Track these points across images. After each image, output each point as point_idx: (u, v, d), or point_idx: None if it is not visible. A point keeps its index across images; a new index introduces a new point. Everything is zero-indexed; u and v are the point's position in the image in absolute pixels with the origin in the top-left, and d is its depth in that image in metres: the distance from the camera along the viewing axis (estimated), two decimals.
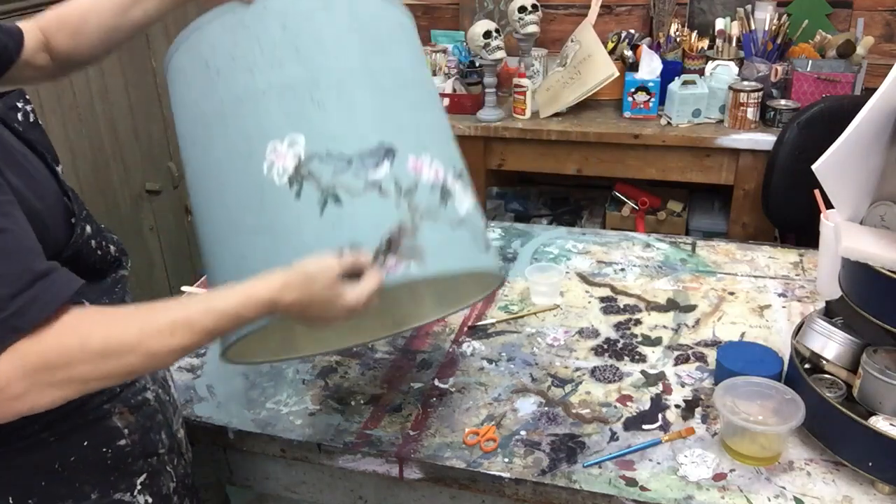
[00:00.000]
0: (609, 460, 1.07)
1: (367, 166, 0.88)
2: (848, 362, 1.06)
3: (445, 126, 1.03)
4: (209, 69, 0.95)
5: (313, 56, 0.93)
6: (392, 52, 0.99)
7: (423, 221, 0.89)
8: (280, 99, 0.91)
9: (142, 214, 2.31)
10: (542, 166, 2.47)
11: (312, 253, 0.85)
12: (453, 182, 0.95)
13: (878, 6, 2.48)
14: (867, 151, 1.03)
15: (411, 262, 0.87)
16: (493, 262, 1.00)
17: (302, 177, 0.87)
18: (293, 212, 0.87)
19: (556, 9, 2.79)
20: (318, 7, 0.95)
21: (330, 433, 1.15)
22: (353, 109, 0.92)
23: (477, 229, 0.97)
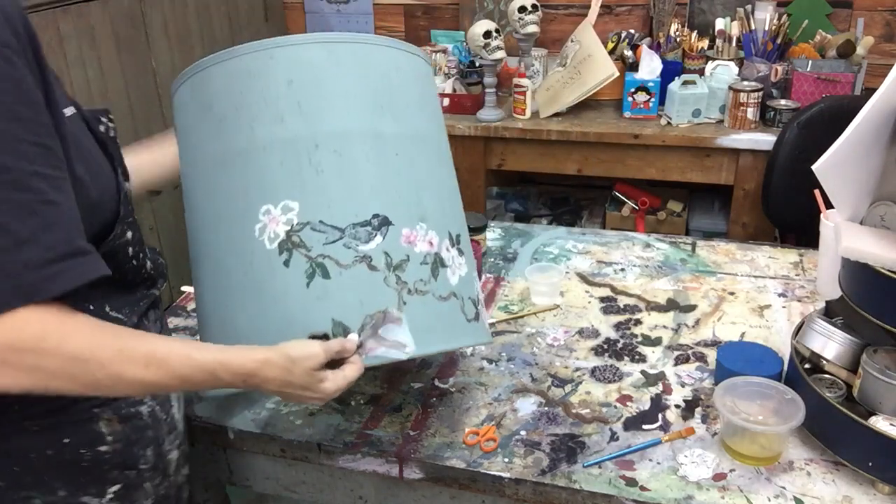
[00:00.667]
0: (609, 460, 1.07)
1: (359, 238, 0.87)
2: (848, 362, 1.06)
3: (452, 187, 1.01)
4: (213, 114, 0.93)
5: (316, 114, 0.90)
6: (402, 111, 0.95)
7: (410, 297, 0.89)
8: (280, 158, 0.89)
9: (142, 214, 2.31)
10: (542, 166, 2.47)
11: (296, 323, 0.86)
12: (448, 250, 0.94)
13: (878, 6, 2.48)
14: (867, 151, 1.03)
15: (391, 349, 0.87)
16: (477, 334, 0.98)
17: (292, 244, 0.87)
18: (280, 279, 0.87)
19: (556, 9, 2.79)
20: (327, 61, 0.91)
21: (330, 433, 1.15)
22: (352, 177, 0.89)
23: (466, 300, 0.96)
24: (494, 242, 1.71)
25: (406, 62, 0.99)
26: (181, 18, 2.43)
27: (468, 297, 0.97)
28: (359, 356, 0.88)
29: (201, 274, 0.97)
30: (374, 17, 3.00)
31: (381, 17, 2.99)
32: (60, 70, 1.91)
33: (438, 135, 1.02)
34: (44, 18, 1.89)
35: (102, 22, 2.09)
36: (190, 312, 1.50)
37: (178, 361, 0.80)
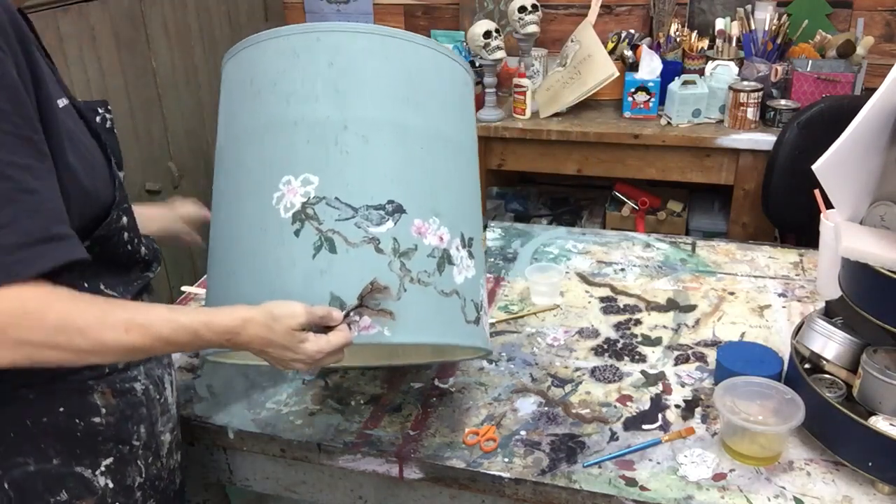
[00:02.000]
0: (609, 460, 1.07)
1: (370, 220, 0.89)
2: (848, 362, 1.06)
3: (470, 193, 1.03)
4: (252, 87, 0.96)
5: (350, 99, 0.93)
6: (435, 113, 0.98)
7: (412, 285, 0.90)
8: (307, 135, 0.92)
9: None
10: (542, 166, 2.47)
11: (295, 292, 0.87)
12: (458, 250, 0.96)
13: (878, 6, 2.48)
14: (867, 151, 1.03)
15: (385, 328, 0.88)
16: (474, 338, 0.98)
17: (306, 216, 0.89)
18: (289, 248, 0.89)
19: (556, 9, 2.79)
20: (370, 51, 0.94)
21: (330, 433, 1.15)
22: (374, 161, 0.92)
23: (469, 302, 0.96)
24: (494, 242, 1.71)
25: (445, 67, 1.01)
26: (181, 18, 2.43)
27: (471, 299, 0.97)
28: (346, 326, 0.89)
29: (215, 240, 1.00)
30: (374, 17, 3.00)
31: (382, 16, 2.99)
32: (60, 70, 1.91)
33: (467, 141, 1.04)
34: (44, 18, 1.89)
35: (102, 22, 2.09)
36: None
37: (159, 324, 0.81)
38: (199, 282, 1.61)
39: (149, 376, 0.99)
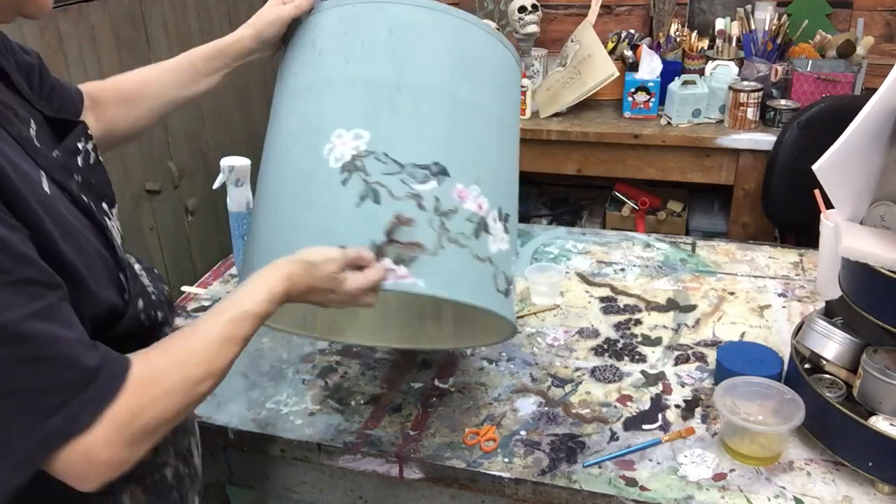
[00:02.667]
0: (609, 460, 1.07)
1: (415, 178, 0.93)
2: (848, 362, 1.06)
3: (510, 172, 1.07)
4: (315, 48, 1.03)
5: (405, 64, 0.97)
6: (479, 88, 1.02)
7: (449, 244, 0.92)
8: (362, 92, 0.96)
9: (142, 214, 2.30)
10: (542, 166, 2.47)
11: (338, 237, 0.90)
12: (494, 221, 0.98)
13: (878, 6, 2.48)
14: (867, 151, 1.03)
15: (420, 279, 0.90)
16: (506, 309, 1.00)
17: (355, 167, 0.92)
18: (335, 195, 0.92)
19: (556, 9, 2.79)
20: (428, 24, 1.00)
21: (330, 433, 1.15)
22: (423, 124, 0.96)
23: (500, 273, 0.98)
24: None
25: (495, 49, 1.06)
26: (181, 18, 2.43)
27: (503, 270, 0.99)
28: (379, 264, 0.91)
29: (264, 186, 1.03)
30: None
31: None
32: (60, 70, 1.91)
33: (510, 123, 1.09)
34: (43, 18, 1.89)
35: (102, 22, 2.09)
36: (190, 312, 1.50)
37: (243, 327, 0.79)
38: (199, 282, 1.61)
39: (177, 454, 0.94)
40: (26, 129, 0.78)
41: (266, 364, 1.32)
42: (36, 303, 0.65)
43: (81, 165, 0.83)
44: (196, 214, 2.52)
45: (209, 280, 1.62)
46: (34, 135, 0.79)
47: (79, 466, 0.68)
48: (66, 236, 0.71)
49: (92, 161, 0.85)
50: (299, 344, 1.36)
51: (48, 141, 0.82)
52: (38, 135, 0.80)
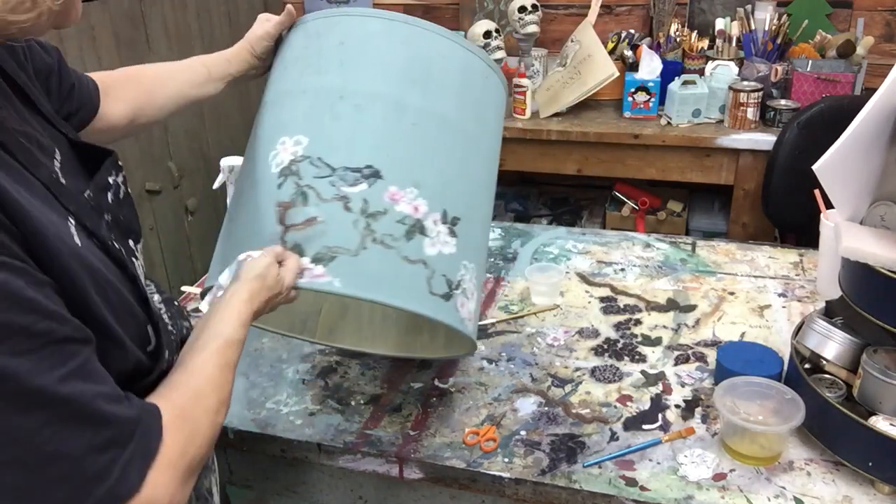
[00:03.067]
0: (609, 460, 1.07)
1: (346, 181, 0.95)
2: (848, 362, 1.06)
3: (468, 176, 1.05)
4: (283, 63, 1.09)
5: (352, 73, 1.01)
6: (433, 92, 1.03)
7: (373, 245, 0.93)
8: (310, 101, 1.00)
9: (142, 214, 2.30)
10: (542, 166, 2.47)
11: (266, 236, 0.93)
12: (436, 224, 0.98)
13: (878, 6, 2.48)
14: (867, 151, 1.03)
15: (335, 279, 0.91)
16: (445, 312, 0.97)
17: (290, 171, 0.96)
18: (270, 198, 0.96)
19: (556, 9, 2.79)
20: (379, 33, 1.03)
21: (330, 433, 1.15)
22: (361, 129, 0.98)
23: (439, 276, 0.97)
24: (494, 242, 1.71)
25: (455, 54, 1.07)
26: (181, 18, 2.43)
27: (443, 274, 0.98)
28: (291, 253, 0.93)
29: (233, 196, 1.08)
30: None
31: None
32: None
33: (472, 127, 1.08)
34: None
35: (102, 22, 2.09)
36: (190, 312, 1.50)
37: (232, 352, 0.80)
38: (199, 282, 1.61)
39: (198, 497, 0.93)
40: (51, 163, 0.76)
41: (266, 364, 1.32)
42: (70, 362, 0.63)
43: (111, 202, 0.82)
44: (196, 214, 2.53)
45: None
46: (59, 168, 0.77)
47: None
48: (97, 289, 0.69)
49: (122, 195, 0.85)
50: (299, 344, 1.36)
51: (74, 172, 0.79)
52: (64, 166, 0.78)
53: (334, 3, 3.02)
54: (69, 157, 0.80)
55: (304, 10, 3.06)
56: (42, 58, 0.92)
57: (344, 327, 1.24)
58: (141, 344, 0.77)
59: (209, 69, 1.14)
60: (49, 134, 0.80)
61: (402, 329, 1.27)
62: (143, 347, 0.78)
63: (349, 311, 1.28)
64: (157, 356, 0.80)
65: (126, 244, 0.82)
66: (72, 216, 0.72)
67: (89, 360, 0.65)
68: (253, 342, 1.38)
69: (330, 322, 1.24)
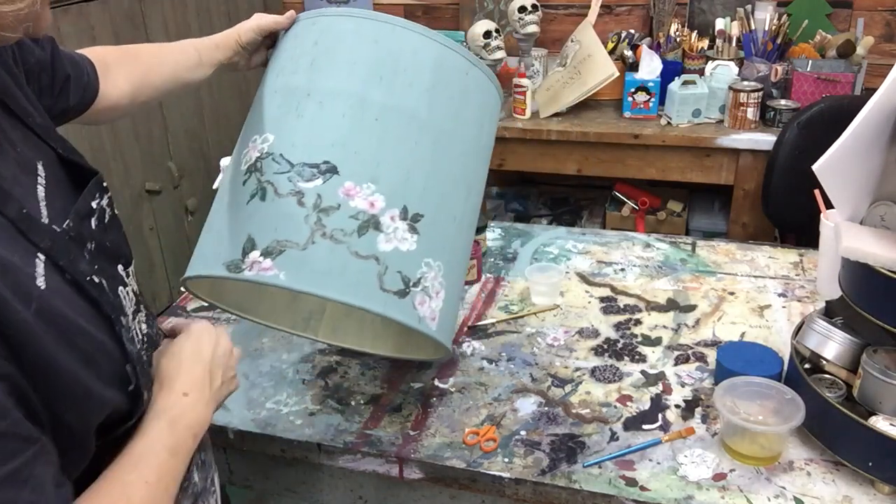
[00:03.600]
0: (609, 460, 1.07)
1: (302, 176, 0.96)
2: (848, 362, 1.06)
3: (439, 173, 1.03)
4: (270, 65, 1.10)
5: (320, 71, 1.02)
6: (400, 88, 1.02)
7: (322, 240, 0.93)
8: (280, 101, 1.02)
9: (142, 214, 2.31)
10: (542, 166, 2.47)
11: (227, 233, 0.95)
12: (393, 220, 0.97)
13: (878, 6, 2.48)
14: (867, 151, 1.03)
15: (281, 272, 0.91)
16: (390, 307, 0.96)
17: (255, 168, 0.98)
18: (237, 194, 0.98)
19: (556, 9, 2.79)
20: (349, 31, 1.04)
21: (330, 433, 1.15)
22: (321, 126, 0.99)
23: (393, 272, 0.96)
24: (494, 242, 1.71)
25: (429, 50, 1.05)
26: (181, 18, 2.43)
27: (398, 270, 0.97)
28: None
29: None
30: None
31: None
32: None
33: (443, 123, 1.05)
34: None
35: (102, 22, 2.09)
36: (190, 312, 1.50)
37: (166, 466, 0.73)
38: None
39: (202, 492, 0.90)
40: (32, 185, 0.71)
41: (266, 364, 1.32)
42: (6, 464, 0.57)
43: (95, 228, 0.76)
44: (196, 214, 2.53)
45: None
46: (42, 191, 0.71)
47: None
48: (62, 338, 0.63)
49: (107, 219, 0.79)
50: (299, 344, 1.36)
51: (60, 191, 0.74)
52: (48, 186, 0.72)
53: (334, 3, 3.01)
54: (55, 173, 0.76)
55: (305, 10, 3.06)
56: (33, 53, 0.89)
57: (347, 326, 1.24)
58: (120, 385, 0.72)
59: (200, 53, 1.15)
60: (34, 147, 0.75)
61: (401, 329, 1.26)
62: (124, 388, 0.72)
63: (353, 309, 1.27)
64: (137, 397, 0.74)
65: (114, 272, 0.77)
66: (42, 253, 0.66)
67: (32, 462, 0.59)
68: (253, 342, 1.38)
69: (334, 321, 1.24)
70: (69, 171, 0.78)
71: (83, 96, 1.00)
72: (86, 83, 1.01)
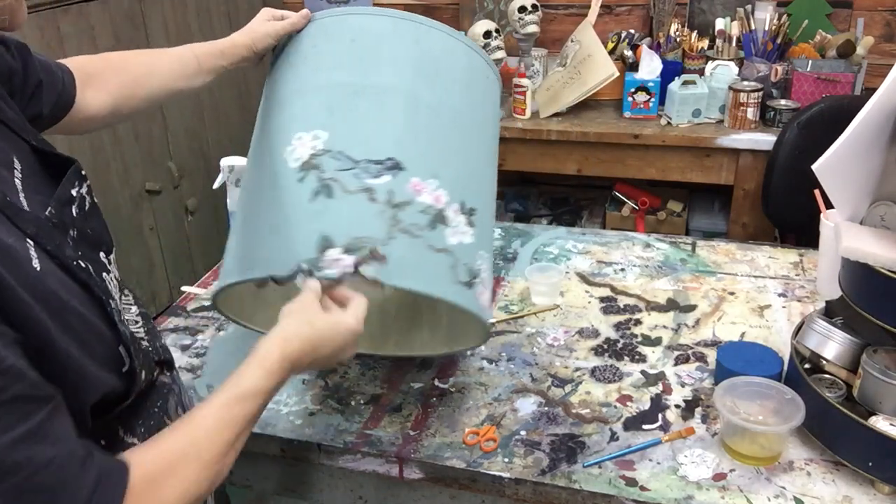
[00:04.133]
0: (609, 460, 1.07)
1: (369, 172, 0.96)
2: (848, 362, 1.06)
3: (479, 169, 1.09)
4: (287, 62, 1.09)
5: (367, 68, 1.03)
6: (442, 86, 1.06)
7: (400, 234, 0.94)
8: (326, 98, 1.01)
9: (142, 214, 2.31)
10: (542, 166, 2.47)
11: (291, 232, 0.92)
12: (455, 214, 1.00)
13: (878, 6, 2.48)
14: (867, 151, 1.03)
15: (367, 268, 0.91)
16: (469, 300, 0.99)
17: (311, 166, 0.96)
18: (292, 193, 0.96)
19: (556, 9, 2.79)
20: (389, 30, 1.06)
21: (330, 433, 1.15)
22: (380, 122, 1.00)
23: (461, 264, 0.98)
24: (494, 242, 1.71)
25: (458, 51, 1.11)
26: (181, 18, 2.43)
27: (465, 263, 1.00)
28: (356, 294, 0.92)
29: (241, 195, 1.08)
30: None
31: None
32: None
33: (479, 121, 1.12)
34: (44, 18, 1.89)
35: (102, 22, 2.09)
36: (190, 312, 1.50)
37: (241, 408, 0.76)
38: (200, 282, 1.61)
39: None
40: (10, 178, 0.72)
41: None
42: (25, 423, 0.59)
43: (76, 215, 0.76)
44: (196, 214, 2.53)
45: (209, 280, 1.62)
46: (19, 183, 0.72)
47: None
48: (57, 318, 0.65)
49: (87, 207, 0.79)
50: None
51: (38, 181, 0.75)
52: (25, 178, 0.73)
53: (334, 2, 3.01)
54: (31, 165, 0.76)
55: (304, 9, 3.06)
56: (3, 56, 0.87)
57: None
58: (114, 367, 0.73)
59: (200, 61, 1.12)
60: (8, 141, 0.76)
61: (402, 328, 1.27)
62: (118, 369, 0.74)
63: None
64: (131, 377, 0.75)
65: (96, 258, 0.77)
66: (30, 239, 0.67)
67: (48, 419, 0.62)
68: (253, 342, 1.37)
69: None
70: (45, 162, 0.79)
71: (56, 104, 0.96)
72: (60, 90, 0.97)
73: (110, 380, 0.72)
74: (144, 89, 1.09)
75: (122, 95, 1.07)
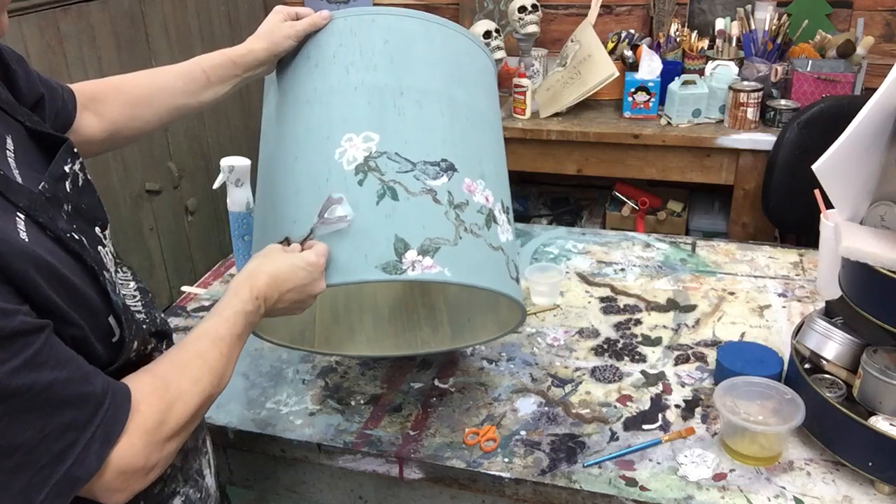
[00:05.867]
0: (609, 460, 1.07)
1: (427, 174, 0.97)
2: (848, 362, 1.06)
3: (503, 167, 1.12)
4: (310, 61, 1.07)
5: (404, 70, 1.03)
6: (471, 90, 1.09)
7: (466, 235, 0.97)
8: (368, 98, 1.01)
9: (142, 214, 2.31)
10: (542, 166, 2.47)
11: (361, 231, 0.94)
12: (500, 213, 1.04)
13: (878, 6, 2.48)
14: (867, 151, 1.03)
15: (445, 268, 0.93)
16: (518, 293, 1.04)
17: (368, 168, 0.97)
18: (353, 196, 0.96)
19: (556, 9, 2.79)
20: (419, 33, 1.07)
21: (330, 433, 1.15)
22: (428, 125, 1.01)
23: (511, 261, 1.03)
24: None
25: (477, 54, 1.13)
26: (181, 18, 2.43)
27: (512, 259, 1.04)
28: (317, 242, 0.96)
29: (270, 194, 1.06)
30: None
31: None
32: (60, 70, 1.92)
33: (496, 126, 1.14)
34: (44, 18, 1.89)
35: (102, 22, 2.09)
36: (190, 312, 1.50)
37: (226, 327, 0.83)
38: (200, 282, 1.61)
39: (186, 480, 0.90)
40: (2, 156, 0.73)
41: (266, 364, 1.32)
42: (21, 354, 0.62)
43: (70, 191, 0.78)
44: (196, 214, 2.53)
45: (209, 280, 1.62)
46: (13, 161, 0.74)
47: (114, 482, 0.69)
48: (50, 284, 0.67)
49: (81, 183, 0.80)
50: None
51: (31, 160, 0.77)
52: (18, 156, 0.75)
53: (334, 3, 3.01)
54: (25, 145, 0.77)
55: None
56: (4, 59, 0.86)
57: (339, 334, 1.24)
58: (102, 335, 0.75)
59: (209, 75, 1.07)
60: (1, 122, 0.77)
61: (398, 329, 1.27)
62: (107, 339, 0.75)
63: (340, 317, 1.28)
64: (119, 347, 0.77)
65: (91, 232, 0.79)
66: (21, 212, 0.69)
67: (45, 346, 0.64)
68: (253, 342, 1.38)
69: (325, 330, 1.24)
70: (39, 143, 0.80)
71: (55, 123, 0.93)
72: (60, 107, 0.95)
73: (96, 349, 0.74)
74: (147, 110, 1.06)
75: (121, 118, 1.04)
